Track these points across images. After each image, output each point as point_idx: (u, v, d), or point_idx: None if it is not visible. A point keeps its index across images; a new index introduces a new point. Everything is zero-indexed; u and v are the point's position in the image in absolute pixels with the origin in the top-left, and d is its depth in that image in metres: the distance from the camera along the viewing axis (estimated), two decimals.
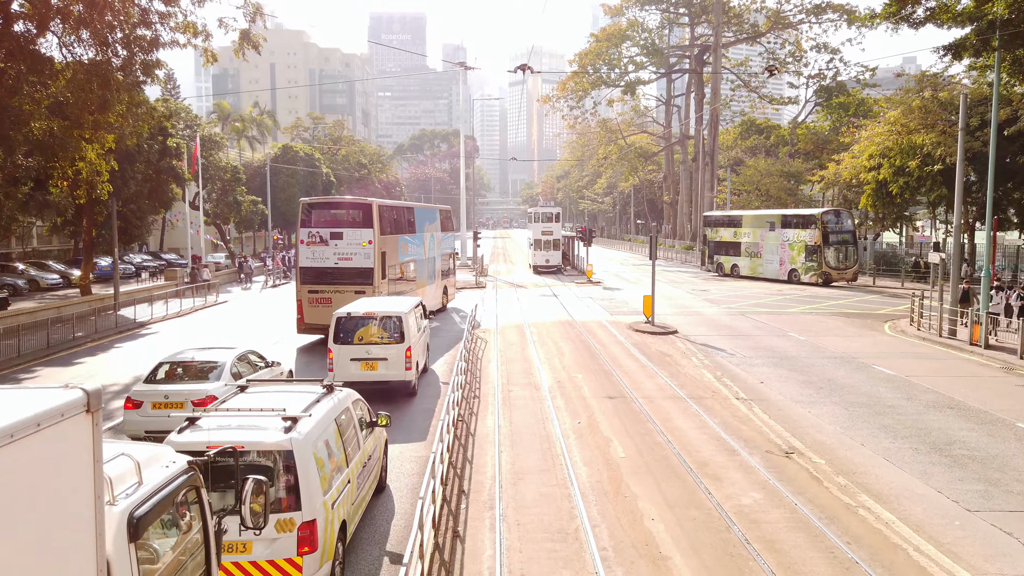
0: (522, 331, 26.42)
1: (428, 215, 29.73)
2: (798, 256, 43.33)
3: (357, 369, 15.51)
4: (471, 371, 19.41)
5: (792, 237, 43.80)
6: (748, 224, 47.88)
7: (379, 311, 15.94)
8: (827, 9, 74.18)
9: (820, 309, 32.37)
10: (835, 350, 22.48)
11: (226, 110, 70.53)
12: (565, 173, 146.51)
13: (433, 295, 30.06)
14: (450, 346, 23.33)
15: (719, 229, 50.72)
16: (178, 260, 52.52)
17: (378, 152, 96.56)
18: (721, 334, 25.60)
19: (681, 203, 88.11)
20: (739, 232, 48.37)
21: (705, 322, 28.59)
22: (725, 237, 49.72)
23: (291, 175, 64.00)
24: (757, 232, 46.56)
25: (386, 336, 15.77)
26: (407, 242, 26.17)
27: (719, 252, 50.31)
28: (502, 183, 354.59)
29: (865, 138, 46.40)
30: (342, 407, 8.59)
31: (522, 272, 54.98)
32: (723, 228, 50.28)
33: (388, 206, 25.31)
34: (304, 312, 22.94)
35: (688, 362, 20.63)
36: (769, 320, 28.98)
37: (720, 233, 50.39)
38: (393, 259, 24.42)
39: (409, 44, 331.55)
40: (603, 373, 19.20)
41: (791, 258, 43.86)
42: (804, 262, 42.90)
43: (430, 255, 29.38)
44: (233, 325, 29.15)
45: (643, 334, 25.53)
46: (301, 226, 22.89)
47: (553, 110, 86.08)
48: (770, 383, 18.09)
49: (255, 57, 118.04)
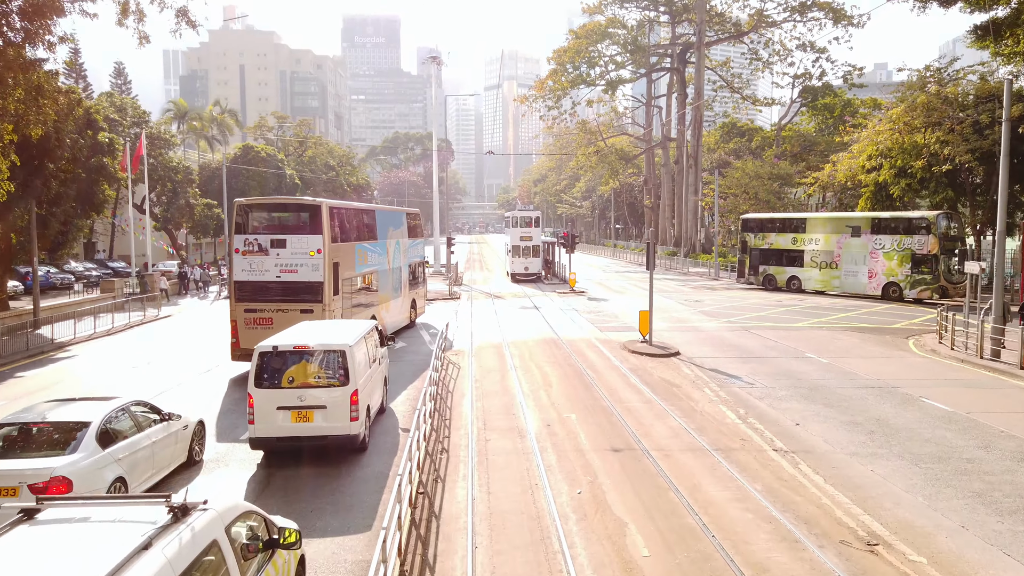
0: (501, 353, 22.82)
1: (392, 219, 26.01)
2: (899, 267, 36.11)
3: (286, 420, 11.79)
4: (440, 410, 15.77)
5: (890, 244, 36.59)
6: (816, 228, 40.40)
7: (316, 343, 12.22)
8: (812, 7, 71.76)
9: (829, 323, 29.20)
10: (867, 376, 19.21)
11: (183, 108, 66.12)
12: (542, 177, 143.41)
13: (399, 311, 26.35)
14: (416, 374, 19.65)
15: (767, 235, 42.87)
16: (126, 269, 48.16)
17: (347, 154, 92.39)
18: (729, 356, 22.22)
19: (663, 207, 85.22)
20: (801, 238, 40.66)
21: (707, 340, 25.21)
22: (778, 244, 41.91)
23: (251, 177, 59.84)
24: (832, 238, 39.08)
25: (325, 376, 12.08)
26: (366, 250, 22.45)
27: (767, 262, 42.56)
28: (478, 187, 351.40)
29: (865, 137, 43.57)
30: (190, 555, 4.85)
31: (499, 280, 51.40)
32: (774, 234, 42.47)
33: (342, 208, 21.57)
34: (240, 335, 19.12)
35: (701, 395, 17.18)
36: (778, 337, 25.71)
37: (769, 239, 42.51)
38: (349, 270, 20.69)
39: (383, 47, 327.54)
40: (601, 411, 15.66)
41: (888, 270, 36.68)
42: (910, 274, 35.84)
43: (395, 265, 25.68)
44: (165, 347, 25.17)
45: (641, 356, 22.07)
46: (236, 232, 19.09)
47: (531, 110, 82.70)
48: (808, 424, 14.69)
49: (224, 58, 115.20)
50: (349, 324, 14.53)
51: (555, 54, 71.04)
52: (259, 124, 76.32)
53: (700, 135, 72.22)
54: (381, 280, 23.94)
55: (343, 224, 20.90)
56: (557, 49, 71.23)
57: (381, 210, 25.83)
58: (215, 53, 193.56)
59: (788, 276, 41.35)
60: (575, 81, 74.22)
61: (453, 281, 45.29)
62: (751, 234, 44.10)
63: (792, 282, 41.07)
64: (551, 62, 72.43)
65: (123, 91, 63.14)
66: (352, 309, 20.89)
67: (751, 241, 44.00)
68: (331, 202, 20.01)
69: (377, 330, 15.29)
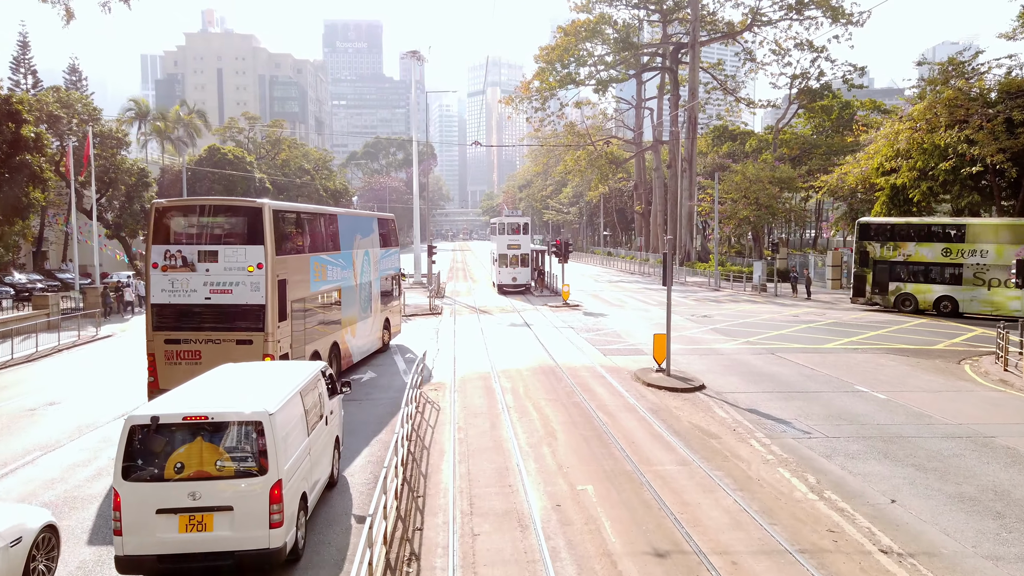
0: (489, 386, 18.90)
1: (359, 225, 21.97)
2: None
3: (172, 530, 7.79)
4: (411, 479, 11.82)
5: None
6: (983, 236, 32.18)
7: (218, 409, 8.21)
8: (809, 5, 68.69)
9: (862, 344, 25.56)
10: (943, 418, 15.51)
11: (144, 107, 61.65)
12: (527, 182, 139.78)
13: (368, 334, 22.33)
14: (384, 420, 15.68)
15: (902, 244, 34.20)
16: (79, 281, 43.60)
17: (324, 157, 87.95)
18: (765, 390, 18.45)
19: (655, 213, 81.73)
20: (959, 249, 32.47)
21: (732, 368, 21.44)
22: (920, 256, 33.54)
23: (217, 181, 55.55)
24: (1007, 250, 31.07)
25: (232, 461, 8.08)
26: (325, 263, 18.44)
27: (902, 278, 34.16)
28: (461, 194, 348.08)
29: (882, 136, 40.20)
30: None
31: (485, 292, 47.47)
32: (912, 243, 33.90)
33: (292, 212, 17.52)
34: (159, 373, 15.05)
35: (749, 450, 13.35)
36: (811, 362, 21.99)
37: (906, 250, 33.99)
38: (301, 289, 16.68)
39: (365, 52, 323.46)
40: (626, 480, 11.79)
41: None
42: None
43: (363, 279, 21.67)
44: (85, 379, 20.97)
45: (660, 391, 18.23)
46: (154, 242, 15.04)
47: (516, 112, 78.98)
48: (906, 500, 10.90)
49: (201, 62, 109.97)
50: (282, 371, 10.51)
51: (542, 52, 67.32)
52: (229, 125, 71.86)
53: (695, 137, 68.80)
54: (345, 299, 19.93)
55: (294, 231, 16.90)
56: (544, 46, 67.55)
57: (346, 215, 21.74)
58: (192, 56, 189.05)
59: (937, 297, 33.13)
60: (563, 81, 70.58)
61: (435, 293, 41.33)
62: (875, 243, 35.08)
63: (942, 304, 32.94)
64: (537, 60, 68.73)
65: (78, 89, 58.56)
66: (306, 337, 16.88)
67: (875, 252, 35.01)
68: (276, 204, 16.02)
69: (324, 375, 11.33)
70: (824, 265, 48.66)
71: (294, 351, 16.08)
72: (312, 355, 17.20)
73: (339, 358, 19.37)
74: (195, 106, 70.91)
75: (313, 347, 17.35)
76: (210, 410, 8.07)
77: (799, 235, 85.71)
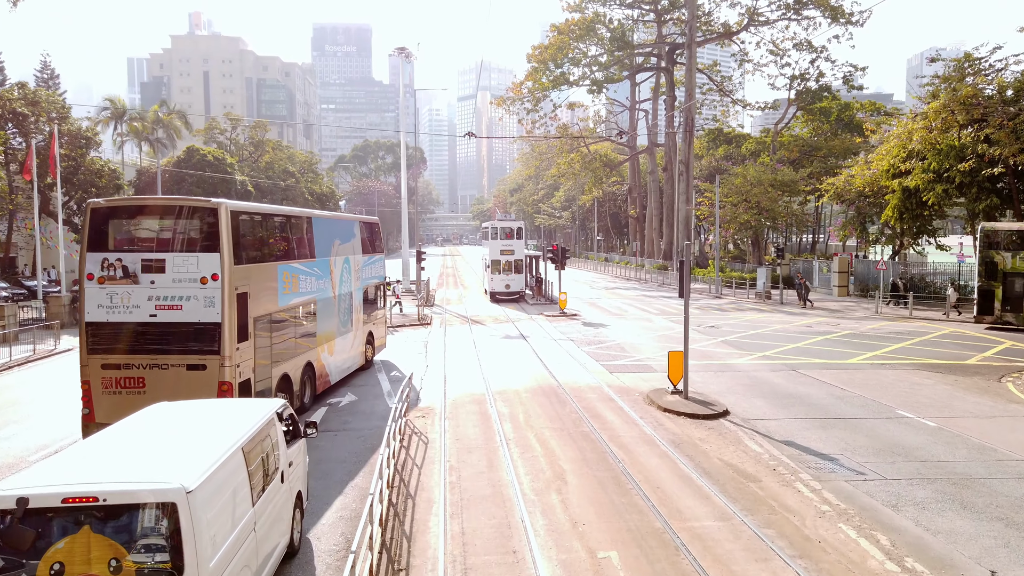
0: (485, 412, 16.65)
1: (338, 229, 19.67)
2: None
3: None
4: (391, 544, 9.56)
5: None
6: None
7: (111, 488, 5.88)
8: (808, 5, 67.00)
9: (889, 359, 23.50)
10: (1011, 450, 13.44)
11: (121, 106, 59.06)
12: (519, 186, 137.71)
13: (348, 350, 20.04)
14: (363, 457, 13.40)
15: None
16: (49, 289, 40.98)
17: (310, 160, 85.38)
18: (797, 415, 16.30)
19: (650, 217, 79.76)
20: None
21: (753, 387, 19.29)
22: None
23: (196, 183, 53.07)
24: None
25: (131, 562, 5.79)
26: (297, 272, 16.15)
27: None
28: (451, 198, 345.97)
29: (893, 136, 38.31)
30: None
31: (477, 299, 45.21)
32: None
33: (256, 214, 15.15)
34: (95, 404, 12.75)
35: (798, 499, 11.16)
36: (838, 380, 19.89)
37: None
38: (266, 303, 14.38)
39: (354, 56, 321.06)
40: (658, 544, 9.56)
41: None
42: None
43: (342, 290, 19.39)
44: (24, 405, 18.57)
45: (679, 417, 16.04)
46: (89, 249, 12.73)
47: (508, 114, 76.83)
48: (1010, 572, 8.74)
49: (187, 64, 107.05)
50: (224, 417, 8.20)
51: (534, 51, 65.21)
52: (210, 126, 69.30)
53: (692, 139, 66.77)
54: (321, 312, 17.63)
55: (258, 236, 14.60)
56: (537, 45, 65.43)
57: (323, 217, 19.39)
58: (178, 59, 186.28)
59: None
60: (557, 82, 68.56)
61: (424, 301, 39.04)
62: (1004, 253, 30.23)
63: None
64: (530, 60, 66.62)
65: (49, 87, 55.93)
66: (273, 359, 14.58)
67: (1005, 262, 30.06)
68: (236, 204, 13.73)
69: (282, 417, 9.06)
70: (829, 271, 46.71)
71: (258, 376, 13.79)
72: (280, 380, 14.90)
73: (314, 380, 17.08)
74: (175, 107, 68.29)
75: (282, 370, 15.06)
76: (102, 488, 5.78)
77: (797, 239, 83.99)
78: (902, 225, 39.37)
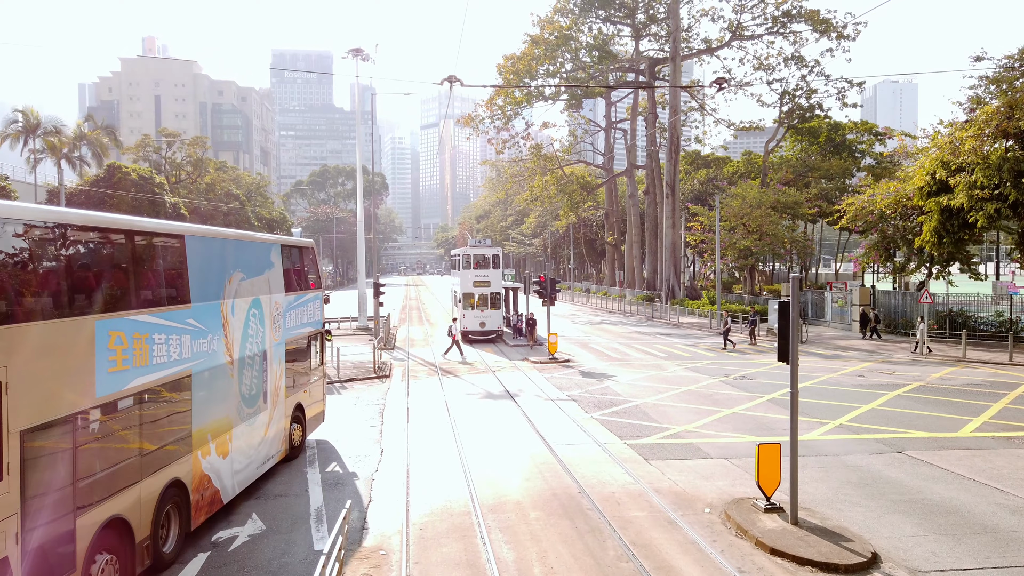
0: (473, 556, 9.92)
1: (241, 256, 12.77)
2: None
3: None
4: None
5: None
6: None
7: None
8: (795, 18, 62.69)
9: (1006, 428, 17.48)
10: None
11: (35, 119, 51.44)
12: (486, 213, 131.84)
13: (257, 444, 13.09)
14: None
15: None
16: None
17: (258, 182, 77.91)
18: (977, 558, 9.94)
19: (630, 244, 74.19)
20: None
21: (870, 491, 12.94)
22: None
23: (117, 205, 45.62)
24: None
25: None
26: (146, 331, 9.29)
27: None
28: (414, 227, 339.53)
29: (934, 146, 32.96)
30: None
31: (445, 339, 38.40)
32: None
33: (34, 226, 8.20)
34: None
35: None
36: (975, 472, 13.75)
37: None
38: (61, 395, 7.52)
39: (314, 82, 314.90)
40: None
41: None
42: None
43: (247, 351, 12.50)
44: None
45: (804, 569, 9.52)
46: None
47: (477, 134, 70.78)
48: None
49: (137, 89, 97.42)
50: None
51: (506, 61, 59.37)
52: (142, 143, 61.66)
53: (677, 159, 61.49)
54: (204, 392, 10.75)
55: (43, 268, 7.79)
56: (508, 55, 59.64)
57: (207, 236, 12.05)
58: (127, 82, 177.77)
59: None
60: (530, 96, 62.86)
61: (383, 344, 32.20)
62: None
63: None
64: (500, 72, 60.81)
65: None
66: (82, 498, 7.70)
67: None
68: (9, 205, 7.00)
69: None
70: (847, 304, 41.11)
71: (33, 541, 6.90)
72: (101, 530, 8.02)
73: (188, 507, 10.19)
74: (103, 122, 60.68)
75: (103, 515, 8.17)
76: None
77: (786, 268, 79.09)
78: (942, 250, 33.90)
